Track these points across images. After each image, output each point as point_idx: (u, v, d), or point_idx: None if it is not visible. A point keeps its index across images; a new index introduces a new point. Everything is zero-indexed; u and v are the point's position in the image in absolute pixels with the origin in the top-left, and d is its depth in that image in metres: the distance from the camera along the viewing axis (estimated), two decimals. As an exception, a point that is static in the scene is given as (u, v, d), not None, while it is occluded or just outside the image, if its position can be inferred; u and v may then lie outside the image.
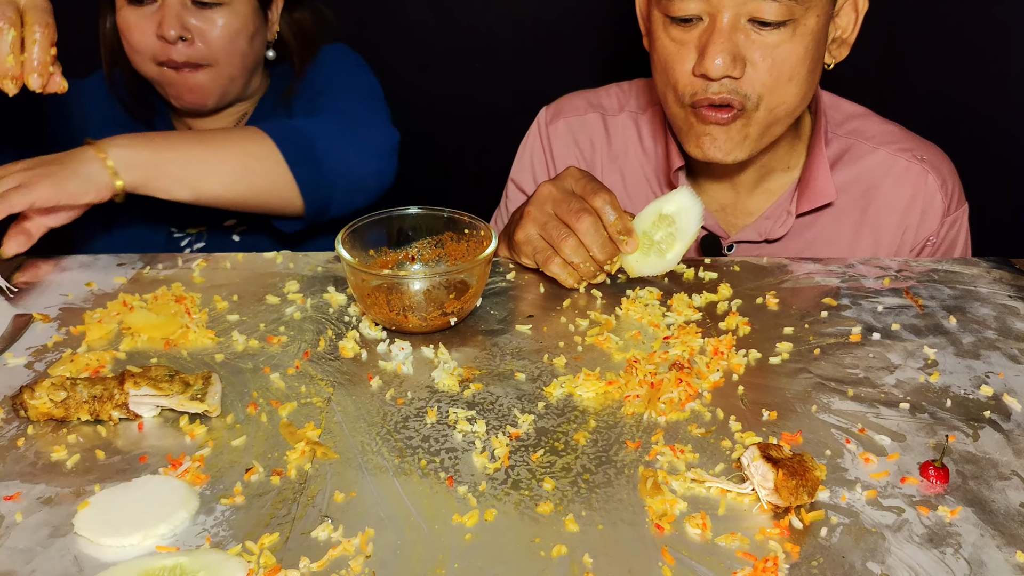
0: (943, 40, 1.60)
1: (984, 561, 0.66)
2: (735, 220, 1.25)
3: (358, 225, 0.98)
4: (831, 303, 1.01)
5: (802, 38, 1.02)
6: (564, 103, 1.34)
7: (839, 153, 1.22)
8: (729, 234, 1.24)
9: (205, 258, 1.10)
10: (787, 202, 1.21)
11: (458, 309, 0.93)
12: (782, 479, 0.68)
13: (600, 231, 0.99)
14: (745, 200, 1.23)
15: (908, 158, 1.20)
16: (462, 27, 1.71)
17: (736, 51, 1.01)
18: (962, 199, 1.24)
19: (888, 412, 0.83)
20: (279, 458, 0.76)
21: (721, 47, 1.00)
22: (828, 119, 1.22)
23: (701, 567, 0.65)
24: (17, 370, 0.88)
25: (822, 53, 1.08)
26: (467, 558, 0.66)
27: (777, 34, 1.01)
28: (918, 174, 1.20)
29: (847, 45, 1.11)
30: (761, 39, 1.01)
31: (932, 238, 1.21)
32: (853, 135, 1.22)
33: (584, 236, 0.99)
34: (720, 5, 1.00)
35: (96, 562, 0.65)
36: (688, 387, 0.84)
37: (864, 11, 1.09)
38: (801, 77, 1.05)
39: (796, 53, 1.03)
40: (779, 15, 0.99)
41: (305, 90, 1.40)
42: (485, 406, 0.83)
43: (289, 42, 1.40)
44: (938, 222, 1.20)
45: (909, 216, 1.20)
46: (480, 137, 1.72)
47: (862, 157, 1.21)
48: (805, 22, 1.01)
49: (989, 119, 1.62)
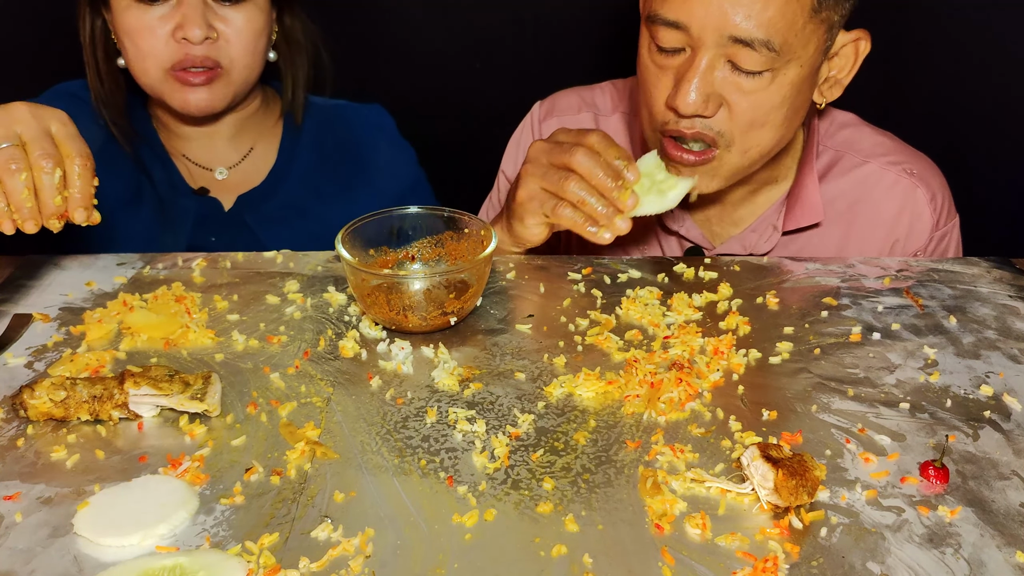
0: (944, 39, 1.60)
1: (984, 561, 0.66)
2: (720, 230, 1.24)
3: (358, 225, 0.98)
4: (831, 303, 1.01)
5: (780, 87, 1.00)
6: (558, 100, 1.34)
7: (828, 165, 1.21)
8: (714, 245, 1.23)
9: (205, 258, 1.10)
10: (774, 216, 1.20)
11: (458, 309, 0.93)
12: (782, 479, 0.68)
13: (597, 159, 0.98)
14: (732, 211, 1.22)
15: (897, 172, 1.19)
16: (461, 27, 1.71)
17: (711, 90, 0.99)
18: (952, 212, 1.22)
19: (888, 412, 0.82)
20: (279, 458, 0.76)
21: (695, 85, 0.98)
22: (819, 131, 1.21)
23: (701, 567, 0.65)
24: (17, 370, 0.88)
25: (805, 99, 1.05)
26: (467, 558, 0.66)
27: (754, 81, 0.99)
28: (907, 188, 1.19)
29: (841, 86, 1.08)
30: (738, 82, 0.99)
31: (920, 253, 1.20)
32: (844, 146, 1.21)
33: (581, 167, 0.98)
34: (701, 42, 0.97)
35: (96, 562, 0.65)
36: (688, 387, 0.84)
37: (865, 53, 1.06)
38: (775, 123, 1.03)
39: (771, 101, 1.00)
40: (757, 65, 0.97)
41: (344, 155, 1.36)
42: (485, 406, 0.83)
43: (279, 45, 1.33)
44: (926, 236, 1.19)
45: (897, 230, 1.20)
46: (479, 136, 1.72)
47: (851, 170, 1.20)
48: (785, 72, 0.99)
49: (990, 118, 1.62)
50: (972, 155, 1.63)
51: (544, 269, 1.08)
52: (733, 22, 0.95)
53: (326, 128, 1.41)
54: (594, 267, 1.08)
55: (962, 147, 1.62)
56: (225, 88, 1.25)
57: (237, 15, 1.21)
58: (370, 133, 1.42)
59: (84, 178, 0.90)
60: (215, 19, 1.20)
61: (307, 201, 1.36)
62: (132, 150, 1.32)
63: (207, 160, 1.37)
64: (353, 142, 1.41)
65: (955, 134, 1.63)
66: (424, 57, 1.71)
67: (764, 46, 0.95)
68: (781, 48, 0.96)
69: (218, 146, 1.37)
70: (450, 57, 1.72)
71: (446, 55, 1.72)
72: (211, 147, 1.36)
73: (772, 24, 0.94)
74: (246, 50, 1.24)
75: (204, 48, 1.20)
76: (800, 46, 0.98)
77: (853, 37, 1.05)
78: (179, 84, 1.22)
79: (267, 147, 1.39)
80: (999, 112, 1.60)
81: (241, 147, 1.38)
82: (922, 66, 1.62)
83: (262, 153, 1.39)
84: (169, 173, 1.34)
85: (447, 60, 1.72)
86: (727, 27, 0.95)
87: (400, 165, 1.43)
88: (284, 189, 1.37)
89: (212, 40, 1.20)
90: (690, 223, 1.22)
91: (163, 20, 1.19)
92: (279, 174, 1.38)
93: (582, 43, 1.70)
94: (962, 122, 1.63)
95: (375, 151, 1.42)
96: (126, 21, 1.20)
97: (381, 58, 1.70)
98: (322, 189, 1.17)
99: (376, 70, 1.51)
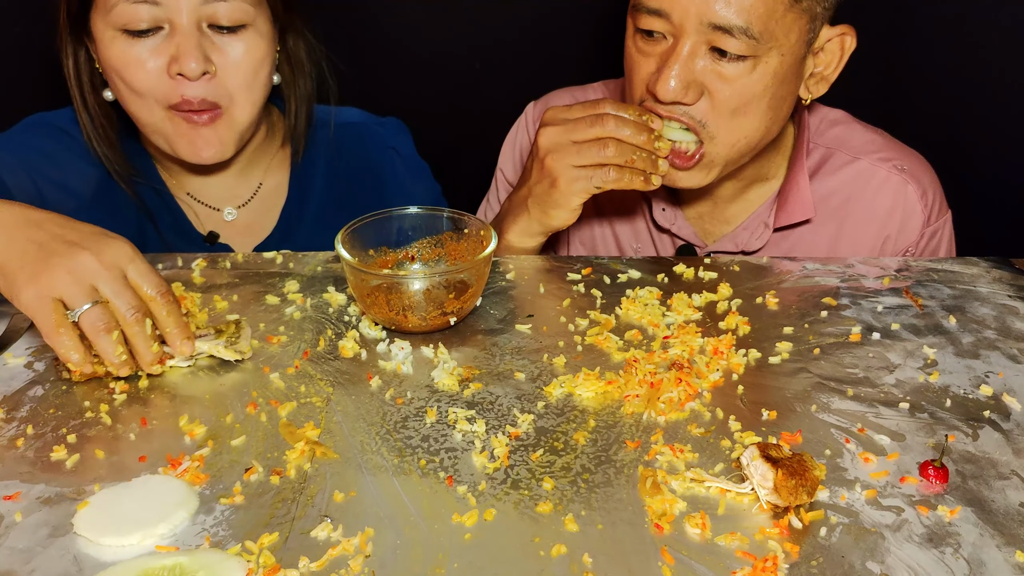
0: (944, 39, 1.60)
1: (984, 561, 0.66)
2: (712, 228, 1.24)
3: (358, 225, 0.98)
4: (831, 303, 1.01)
5: (761, 76, 1.00)
6: (551, 100, 1.34)
7: (819, 162, 1.21)
8: (706, 243, 1.23)
9: (205, 258, 1.10)
10: (765, 213, 1.20)
11: (458, 309, 0.93)
12: (781, 479, 0.68)
13: (624, 121, 1.00)
14: (723, 209, 1.22)
15: (888, 168, 1.19)
16: (460, 26, 1.71)
17: (691, 78, 1.00)
18: (944, 208, 1.22)
19: (888, 412, 0.83)
20: (279, 458, 0.76)
21: (675, 72, 0.99)
22: (810, 128, 1.21)
23: (701, 567, 0.65)
24: (17, 370, 0.88)
25: (789, 90, 1.06)
26: (467, 558, 0.66)
27: (735, 67, 0.99)
28: (898, 184, 1.19)
29: (827, 82, 1.09)
30: (719, 69, 1.00)
31: (911, 248, 1.21)
32: (834, 144, 1.21)
33: (618, 133, 1.00)
34: (682, 29, 0.98)
35: (96, 562, 0.66)
36: (688, 387, 0.84)
37: (851, 50, 1.07)
38: (759, 113, 1.03)
39: (753, 89, 1.01)
40: (739, 50, 0.98)
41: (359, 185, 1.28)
42: (485, 406, 0.83)
43: (281, 67, 1.21)
44: (918, 233, 1.20)
45: (888, 227, 1.20)
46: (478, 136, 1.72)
47: (842, 167, 1.20)
48: (767, 60, 1.00)
49: (990, 118, 1.62)
50: (972, 155, 1.63)
51: (544, 269, 1.08)
52: (713, 9, 0.96)
53: (339, 155, 1.31)
54: (594, 267, 1.08)
55: (962, 147, 1.62)
56: (229, 131, 1.13)
57: (237, 44, 1.09)
58: (387, 157, 1.34)
59: (173, 314, 0.85)
60: (212, 50, 1.07)
61: (322, 239, 1.23)
62: (133, 191, 1.21)
63: (214, 199, 1.26)
64: (368, 168, 1.33)
65: (955, 134, 1.63)
66: (423, 56, 1.71)
67: (744, 33, 0.97)
68: (761, 35, 0.97)
69: (226, 183, 1.26)
70: (449, 57, 1.72)
71: (445, 55, 1.71)
72: (218, 184, 1.26)
73: (752, 11, 0.96)
74: (246, 84, 1.11)
75: (201, 87, 1.07)
76: (781, 34, 0.99)
77: (838, 32, 1.06)
78: (186, 125, 1.10)
79: (277, 181, 1.30)
80: (999, 112, 1.60)
81: (250, 182, 1.28)
82: (922, 66, 1.61)
83: (272, 189, 1.29)
84: (175, 217, 1.24)
85: (446, 60, 1.72)
86: (707, 14, 0.96)
87: (418, 191, 1.34)
88: (299, 231, 1.28)
89: (210, 75, 1.08)
90: (682, 221, 1.23)
91: (154, 53, 1.06)
92: (291, 217, 1.28)
93: (582, 43, 1.70)
94: (962, 122, 1.63)
95: (392, 175, 1.34)
96: (112, 55, 1.06)
97: (380, 57, 1.70)
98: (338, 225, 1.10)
99: (375, 69, 1.51)
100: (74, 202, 1.18)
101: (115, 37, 1.06)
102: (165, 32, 1.06)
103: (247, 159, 1.26)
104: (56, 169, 1.19)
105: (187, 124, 1.10)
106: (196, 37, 1.05)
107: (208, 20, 1.07)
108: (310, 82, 1.25)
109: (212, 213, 1.27)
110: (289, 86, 1.23)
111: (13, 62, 1.42)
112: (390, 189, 1.33)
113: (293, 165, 1.29)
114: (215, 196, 1.26)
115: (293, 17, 1.19)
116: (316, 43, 1.24)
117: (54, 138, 1.20)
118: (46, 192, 1.18)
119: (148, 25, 1.05)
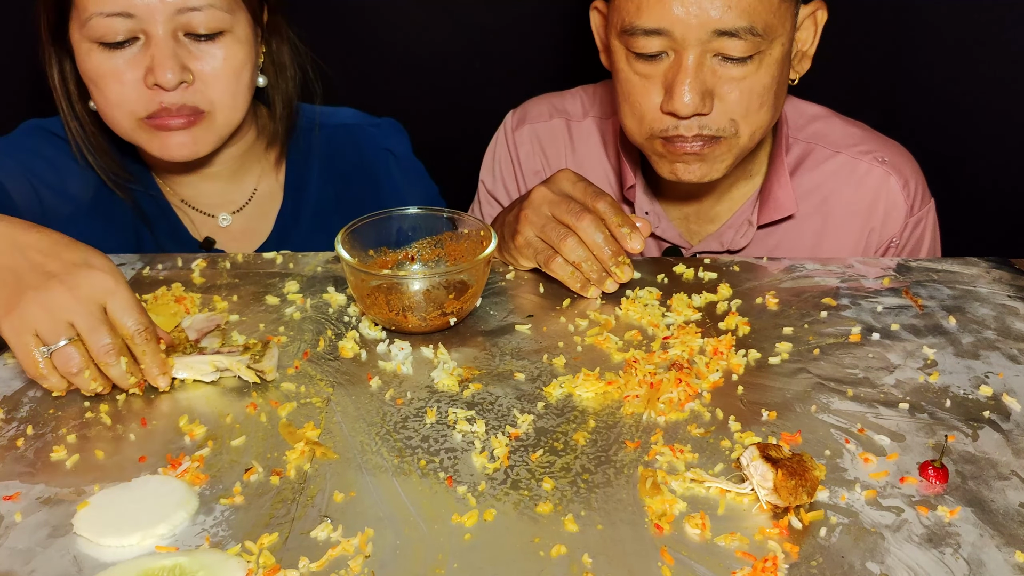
0: (945, 39, 1.60)
1: (983, 561, 0.66)
2: (698, 228, 1.24)
3: (358, 225, 0.98)
4: (831, 303, 1.01)
5: (768, 68, 1.01)
6: (529, 108, 1.33)
7: (800, 158, 1.21)
8: (691, 244, 1.23)
9: (205, 258, 1.10)
10: (748, 211, 1.20)
11: (458, 309, 0.93)
12: (781, 479, 0.68)
13: (601, 228, 0.98)
14: (708, 208, 1.22)
15: (869, 161, 1.19)
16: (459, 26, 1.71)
17: (704, 87, 0.99)
18: (927, 197, 1.22)
19: (887, 412, 0.83)
20: (278, 458, 0.76)
21: (689, 85, 0.98)
22: (789, 123, 1.21)
23: (700, 567, 0.65)
24: (17, 370, 0.88)
25: (786, 74, 1.06)
26: (466, 558, 0.66)
27: (743, 68, 0.99)
28: (879, 176, 1.19)
29: (808, 58, 1.09)
30: (728, 72, 1.00)
31: (896, 239, 1.21)
32: (814, 139, 1.21)
33: (584, 233, 0.98)
34: (685, 43, 0.97)
35: (95, 562, 0.66)
36: (687, 387, 0.84)
37: (823, 22, 1.07)
38: (770, 103, 1.04)
39: (763, 82, 1.01)
40: (745, 51, 0.98)
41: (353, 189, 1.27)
42: (484, 406, 0.83)
43: (266, 69, 1.20)
44: (901, 223, 1.20)
45: (872, 219, 1.20)
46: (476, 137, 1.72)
47: (822, 162, 1.20)
48: (770, 52, 1.00)
49: (990, 118, 1.62)
50: (972, 155, 1.63)
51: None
52: (715, 17, 0.96)
53: (333, 157, 1.31)
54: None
55: (962, 147, 1.62)
56: (207, 133, 1.11)
57: (215, 51, 1.07)
58: (382, 158, 1.33)
59: (151, 350, 0.83)
60: (189, 59, 1.06)
61: (318, 243, 1.26)
62: (129, 198, 1.20)
63: (209, 205, 1.26)
64: (363, 170, 1.32)
65: (955, 134, 1.63)
66: (420, 56, 1.71)
67: (749, 32, 0.96)
68: (764, 31, 0.97)
69: (220, 188, 1.25)
70: (447, 57, 1.72)
71: (442, 55, 1.71)
72: (212, 190, 1.25)
73: (752, 9, 0.96)
74: (227, 90, 1.10)
75: (179, 95, 1.06)
76: (779, 24, 0.99)
77: (812, 9, 1.06)
78: (156, 131, 1.09)
79: (271, 185, 1.29)
80: (999, 112, 1.60)
81: (244, 187, 1.27)
82: (922, 66, 1.61)
83: (267, 194, 1.29)
84: (171, 223, 1.24)
85: (443, 60, 1.72)
86: (710, 22, 0.96)
87: (414, 192, 1.35)
88: (295, 235, 1.28)
89: (188, 84, 1.06)
90: (667, 223, 1.23)
91: (131, 64, 1.05)
92: (287, 221, 1.28)
93: (579, 44, 1.70)
94: (962, 122, 1.63)
95: (387, 177, 1.33)
96: (89, 66, 1.06)
97: (377, 58, 1.70)
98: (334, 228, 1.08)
99: (371, 69, 1.50)
100: (72, 207, 1.18)
101: (91, 49, 1.05)
102: (141, 43, 1.05)
103: (239, 164, 1.25)
104: (55, 174, 1.19)
105: (156, 130, 1.09)
106: (172, 47, 1.04)
107: (184, 29, 1.05)
108: (293, 84, 1.23)
109: (207, 219, 1.26)
110: (274, 89, 1.22)
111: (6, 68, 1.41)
112: (385, 191, 1.32)
113: (287, 169, 1.29)
114: (209, 202, 1.26)
115: (276, 20, 1.18)
116: (301, 45, 1.23)
117: (53, 144, 1.20)
118: (44, 197, 1.17)
119: (124, 37, 1.04)
